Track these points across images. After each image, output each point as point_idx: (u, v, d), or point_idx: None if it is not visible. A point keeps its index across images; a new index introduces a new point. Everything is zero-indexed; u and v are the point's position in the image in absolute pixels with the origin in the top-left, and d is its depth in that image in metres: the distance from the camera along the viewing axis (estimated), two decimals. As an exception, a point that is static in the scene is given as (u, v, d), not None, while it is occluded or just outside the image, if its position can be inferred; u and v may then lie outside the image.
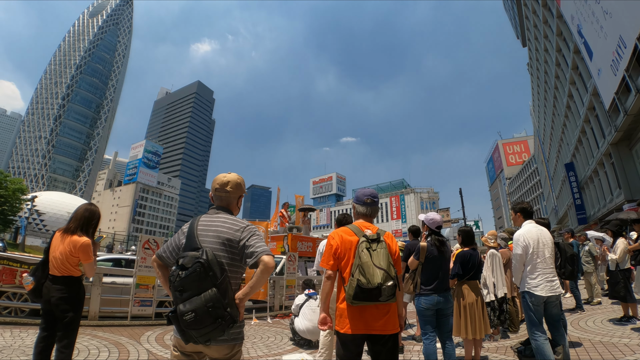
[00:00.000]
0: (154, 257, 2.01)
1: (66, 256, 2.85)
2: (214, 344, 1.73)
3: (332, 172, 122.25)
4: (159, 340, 5.22)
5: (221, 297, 1.65)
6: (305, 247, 10.66)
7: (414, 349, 4.96)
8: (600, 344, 4.66)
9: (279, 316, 8.16)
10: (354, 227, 2.34)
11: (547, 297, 3.35)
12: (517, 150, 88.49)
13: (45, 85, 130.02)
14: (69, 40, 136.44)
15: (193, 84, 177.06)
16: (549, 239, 3.56)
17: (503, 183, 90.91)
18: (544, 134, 45.75)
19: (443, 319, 3.52)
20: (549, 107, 36.41)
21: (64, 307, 2.80)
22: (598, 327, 5.73)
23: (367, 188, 2.51)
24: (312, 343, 5.16)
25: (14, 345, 4.25)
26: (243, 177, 2.12)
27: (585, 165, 25.95)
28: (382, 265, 2.07)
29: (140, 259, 6.57)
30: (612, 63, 15.81)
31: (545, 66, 33.02)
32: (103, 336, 5.15)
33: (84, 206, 3.13)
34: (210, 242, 1.84)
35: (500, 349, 4.78)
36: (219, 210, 2.03)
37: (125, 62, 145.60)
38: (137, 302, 6.45)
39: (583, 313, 7.12)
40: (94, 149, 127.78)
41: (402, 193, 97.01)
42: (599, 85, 18.59)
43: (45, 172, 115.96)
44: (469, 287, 4.09)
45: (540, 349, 3.27)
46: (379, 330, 2.14)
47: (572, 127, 27.66)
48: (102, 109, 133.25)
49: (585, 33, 18.46)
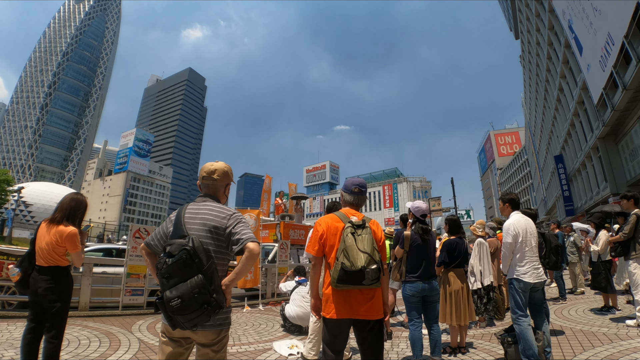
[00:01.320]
0: (142, 245, 2.02)
1: (53, 246, 2.83)
2: (200, 329, 1.76)
3: (325, 161, 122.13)
4: (150, 329, 5.24)
5: (207, 283, 1.67)
6: (297, 235, 10.74)
7: (402, 335, 5.07)
8: (581, 333, 4.83)
9: (271, 303, 8.24)
10: (340, 214, 2.37)
11: (534, 283, 3.50)
12: (508, 141, 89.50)
13: (30, 73, 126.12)
14: (54, 26, 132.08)
15: (184, 71, 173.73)
16: (534, 229, 3.72)
17: (494, 173, 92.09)
18: (535, 126, 46.29)
19: (429, 305, 3.60)
20: (540, 100, 36.78)
21: (51, 297, 2.79)
22: (580, 316, 5.92)
23: (357, 177, 2.53)
24: (302, 329, 5.23)
25: (2, 339, 4.21)
26: (236, 165, 2.18)
27: (574, 158, 26.39)
28: (366, 249, 2.10)
29: (131, 248, 6.55)
30: (601, 59, 16.00)
31: (537, 59, 33.22)
32: (94, 326, 5.14)
33: (69, 196, 3.09)
34: (197, 230, 1.86)
35: (485, 336, 4.92)
36: (206, 198, 2.04)
37: (114, 48, 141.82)
38: (128, 291, 6.46)
39: (566, 302, 7.33)
40: (83, 138, 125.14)
41: (395, 182, 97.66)
42: (588, 80, 18.82)
43: (32, 162, 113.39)
44: (455, 274, 4.19)
45: (523, 333, 3.40)
46: (363, 315, 2.18)
47: (562, 120, 28.03)
48: (91, 97, 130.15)
49: (576, 28, 18.59)
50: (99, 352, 3.98)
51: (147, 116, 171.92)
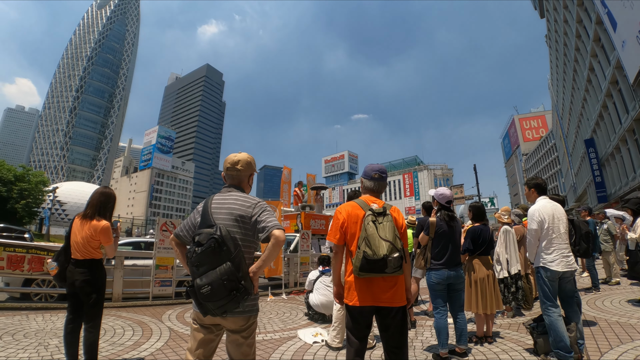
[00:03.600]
0: (172, 236, 2.09)
1: (88, 240, 2.97)
2: (230, 316, 1.82)
3: (344, 151, 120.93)
4: (179, 318, 5.46)
5: (235, 270, 1.72)
6: (318, 225, 10.83)
7: (426, 323, 5.04)
8: (617, 324, 4.57)
9: (294, 292, 8.39)
10: (361, 202, 2.35)
11: (563, 272, 3.31)
12: (534, 125, 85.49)
13: (60, 79, 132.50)
14: (79, 33, 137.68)
15: (202, 68, 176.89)
16: (563, 215, 3.50)
17: (519, 159, 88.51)
18: (563, 109, 44.01)
19: (454, 293, 3.55)
20: (568, 81, 34.84)
21: (87, 289, 2.93)
22: (615, 308, 5.61)
23: (377, 164, 2.50)
24: (326, 317, 5.30)
25: (46, 328, 4.50)
26: (255, 157, 2.17)
27: (607, 142, 24.96)
28: (387, 237, 2.09)
29: (159, 241, 6.79)
30: (639, 34, 14.90)
31: (565, 38, 31.37)
32: (127, 316, 5.40)
33: (98, 190, 3.21)
34: (224, 219, 1.92)
35: (512, 326, 4.80)
36: (231, 189, 2.08)
37: (134, 50, 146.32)
38: (157, 282, 6.72)
39: (599, 293, 6.99)
40: (109, 138, 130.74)
41: (415, 170, 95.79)
42: (622, 57, 17.59)
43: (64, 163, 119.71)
44: (480, 262, 4.10)
45: (553, 324, 3.24)
46: (386, 302, 2.17)
47: (593, 101, 26.48)
48: (115, 98, 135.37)
49: (609, 3, 17.37)
50: (133, 341, 4.19)
51: (168, 113, 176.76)
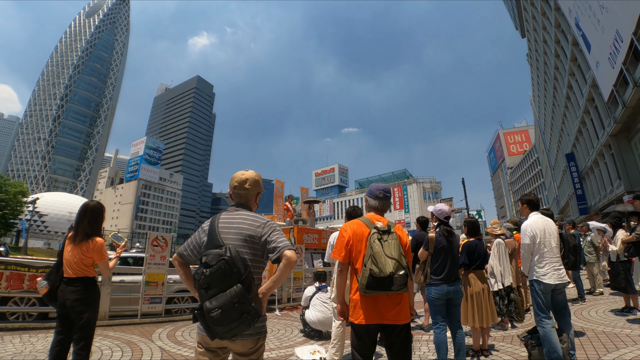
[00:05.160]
0: (175, 255, 2.04)
1: (80, 257, 2.87)
2: (239, 339, 1.77)
3: (334, 164, 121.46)
4: (170, 337, 5.29)
5: (246, 292, 1.68)
6: (311, 239, 10.77)
7: (423, 338, 5.05)
8: (603, 334, 4.76)
9: (287, 308, 8.27)
10: (365, 220, 2.40)
11: (555, 285, 3.46)
12: (518, 139, 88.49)
13: (43, 87, 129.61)
14: (65, 41, 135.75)
15: (192, 79, 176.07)
16: (554, 229, 3.67)
17: (505, 172, 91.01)
18: (545, 124, 45.69)
19: (453, 308, 3.60)
20: (549, 98, 36.31)
21: (80, 308, 2.81)
22: (600, 317, 5.83)
23: (381, 183, 2.58)
24: (322, 334, 5.25)
25: (25, 351, 4.20)
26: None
27: (586, 156, 25.95)
28: (393, 255, 2.13)
29: (149, 256, 6.65)
30: (610, 56, 15.79)
31: (545, 57, 32.86)
32: (114, 336, 5.18)
33: (81, 210, 3.02)
34: (233, 239, 1.87)
35: (506, 338, 4.87)
36: (239, 208, 2.05)
37: (123, 60, 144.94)
38: (146, 299, 6.53)
39: (585, 303, 7.21)
40: (95, 148, 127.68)
41: (404, 183, 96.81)
42: (597, 77, 18.55)
43: (45, 173, 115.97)
44: (476, 276, 4.19)
45: (547, 336, 3.37)
46: (392, 320, 2.20)
47: (572, 117, 27.62)
48: (102, 108, 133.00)
49: (583, 26, 18.38)
50: (123, 361, 4.01)
51: (157, 124, 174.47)
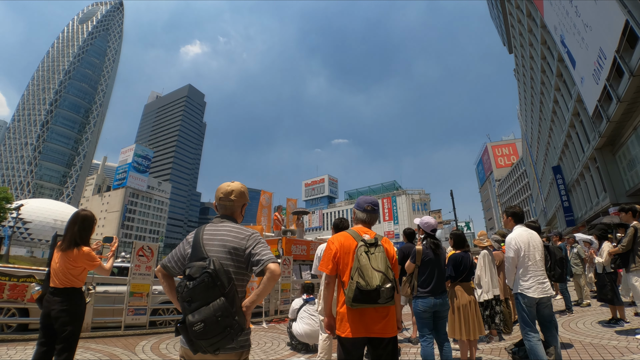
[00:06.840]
0: (159, 267, 2.00)
1: (67, 267, 2.84)
2: (222, 353, 1.74)
3: (324, 174, 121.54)
4: (154, 349, 5.16)
5: (229, 306, 1.66)
6: (299, 251, 10.68)
7: (410, 351, 5.01)
8: (591, 346, 4.79)
9: (275, 321, 8.13)
10: (353, 232, 2.40)
11: (539, 298, 3.47)
12: (505, 152, 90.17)
13: (33, 92, 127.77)
14: (57, 46, 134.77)
15: (184, 88, 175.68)
16: (539, 242, 3.68)
17: (493, 185, 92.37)
18: (532, 138, 46.73)
19: (440, 321, 3.59)
20: (535, 112, 37.28)
21: (64, 319, 2.76)
22: (588, 329, 5.87)
23: (369, 196, 2.59)
24: (309, 347, 5.17)
25: None
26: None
27: (572, 169, 26.57)
28: (380, 268, 2.14)
29: (134, 267, 6.50)
30: (594, 72, 16.37)
31: (531, 72, 33.86)
32: (97, 348, 5.04)
33: (72, 219, 3.00)
34: (217, 251, 1.85)
35: (494, 350, 4.87)
36: (224, 219, 2.04)
37: (115, 66, 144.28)
38: (130, 310, 6.36)
39: (572, 315, 7.26)
40: (83, 154, 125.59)
41: (393, 195, 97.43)
42: (582, 92, 19.18)
43: (31, 179, 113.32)
44: (462, 288, 4.20)
45: (533, 349, 3.37)
46: (378, 333, 2.19)
47: (559, 131, 28.35)
48: (91, 114, 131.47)
49: (568, 43, 19.06)
50: (105, 375, 3.91)
51: (146, 132, 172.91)
